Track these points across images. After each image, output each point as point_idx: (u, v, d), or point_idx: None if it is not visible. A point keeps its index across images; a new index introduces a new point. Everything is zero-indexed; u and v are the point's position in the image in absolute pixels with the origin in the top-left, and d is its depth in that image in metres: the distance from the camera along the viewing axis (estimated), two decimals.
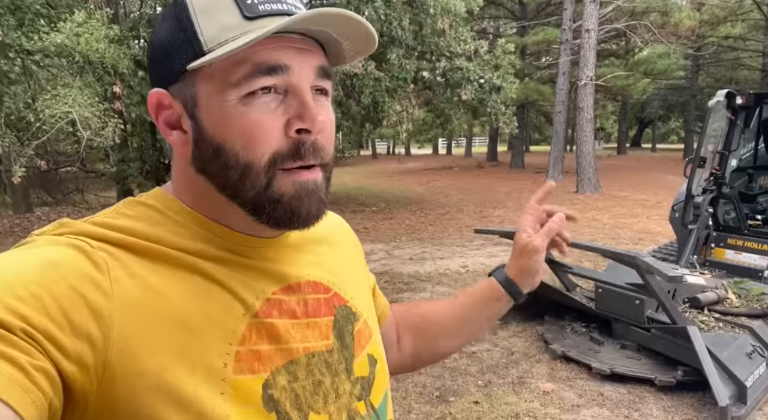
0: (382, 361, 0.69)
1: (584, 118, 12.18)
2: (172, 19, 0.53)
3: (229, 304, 0.53)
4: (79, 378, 0.44)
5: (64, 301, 0.44)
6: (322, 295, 0.63)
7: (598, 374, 3.32)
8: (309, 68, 0.53)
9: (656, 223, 8.89)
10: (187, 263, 0.53)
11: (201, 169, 0.55)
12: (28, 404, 0.39)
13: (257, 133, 0.51)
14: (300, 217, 0.54)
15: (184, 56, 0.51)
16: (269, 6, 0.52)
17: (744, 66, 27.01)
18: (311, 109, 0.52)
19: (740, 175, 4.64)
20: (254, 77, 0.50)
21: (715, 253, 4.37)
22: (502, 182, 15.91)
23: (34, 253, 0.47)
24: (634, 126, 39.79)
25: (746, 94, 4.28)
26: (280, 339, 0.55)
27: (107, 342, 0.45)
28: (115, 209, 0.55)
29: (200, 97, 0.52)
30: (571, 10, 14.61)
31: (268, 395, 0.52)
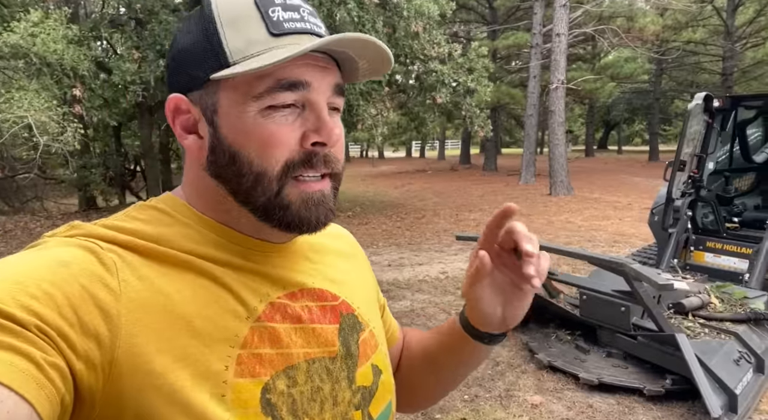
0: (387, 372, 0.68)
1: (556, 121, 12.29)
2: (197, 29, 0.55)
3: (233, 307, 0.54)
4: (86, 376, 0.44)
5: (76, 300, 0.45)
6: (329, 303, 0.63)
7: (586, 385, 3.24)
8: (327, 85, 0.56)
9: (629, 225, 8.99)
10: (194, 266, 0.54)
11: (215, 175, 0.56)
12: (43, 399, 0.40)
13: (273, 143, 0.53)
14: (309, 223, 0.56)
15: (208, 65, 0.53)
16: (294, 24, 0.54)
17: (704, 70, 27.87)
18: (328, 123, 0.54)
19: (717, 177, 4.66)
20: (276, 92, 0.53)
21: (694, 256, 4.37)
22: (476, 185, 15.95)
23: (46, 254, 0.49)
24: (600, 129, 40.68)
25: (723, 97, 4.29)
26: (282, 343, 0.56)
27: (114, 341, 0.46)
28: (125, 213, 0.57)
29: (221, 106, 0.54)
30: (541, 14, 14.77)
31: (266, 399, 0.53)
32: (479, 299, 0.65)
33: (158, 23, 7.33)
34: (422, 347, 0.81)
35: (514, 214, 0.61)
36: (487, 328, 0.68)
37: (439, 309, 4.74)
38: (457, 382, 0.81)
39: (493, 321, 0.66)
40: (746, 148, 4.88)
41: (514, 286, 0.63)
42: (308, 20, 0.56)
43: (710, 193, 4.44)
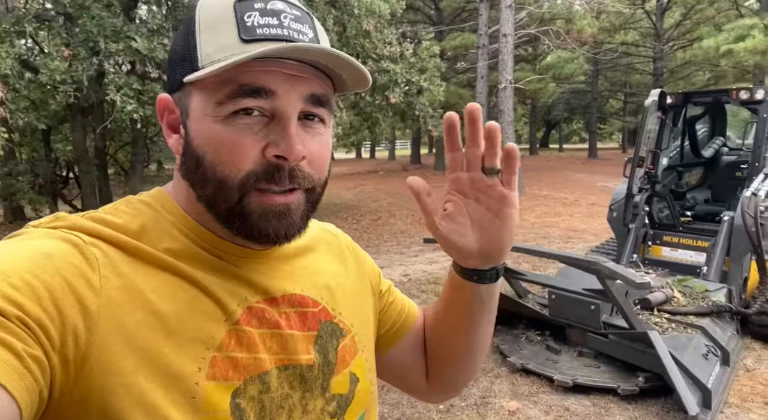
0: (365, 380, 0.67)
1: (505, 120, 12.46)
2: (184, 32, 0.56)
3: (211, 309, 0.53)
4: (59, 371, 0.44)
5: (57, 293, 0.45)
6: (310, 309, 0.62)
7: (560, 386, 3.18)
8: (297, 95, 0.53)
9: (579, 221, 9.21)
10: (173, 266, 0.53)
11: (185, 177, 0.56)
12: (23, 390, 0.40)
13: (234, 151, 0.52)
14: (267, 235, 0.55)
15: (183, 68, 0.54)
16: (268, 30, 0.52)
17: (636, 70, 29.35)
18: (290, 137, 0.52)
19: (670, 172, 4.77)
20: (237, 97, 0.51)
21: (652, 250, 4.44)
22: (430, 185, 15.96)
23: (29, 245, 0.48)
24: (541, 128, 42.07)
25: (675, 94, 4.39)
26: (257, 349, 0.55)
27: (90, 338, 0.46)
28: (113, 206, 0.57)
29: (191, 109, 0.54)
30: (486, 15, 14.97)
31: (236, 404, 0.52)
32: (445, 233, 0.60)
33: (90, 19, 6.79)
34: (434, 314, 0.77)
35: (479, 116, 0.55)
36: (469, 264, 0.63)
37: None
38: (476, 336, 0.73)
39: (469, 254, 0.61)
40: (695, 144, 5.04)
41: (492, 213, 0.59)
42: (288, 26, 0.53)
43: (665, 188, 4.54)
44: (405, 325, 0.79)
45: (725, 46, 12.78)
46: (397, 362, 0.79)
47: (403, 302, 0.81)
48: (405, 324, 0.79)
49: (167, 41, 6.80)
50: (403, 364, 0.79)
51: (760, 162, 3.84)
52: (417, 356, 0.80)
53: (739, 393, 3.08)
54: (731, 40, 13.03)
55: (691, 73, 26.82)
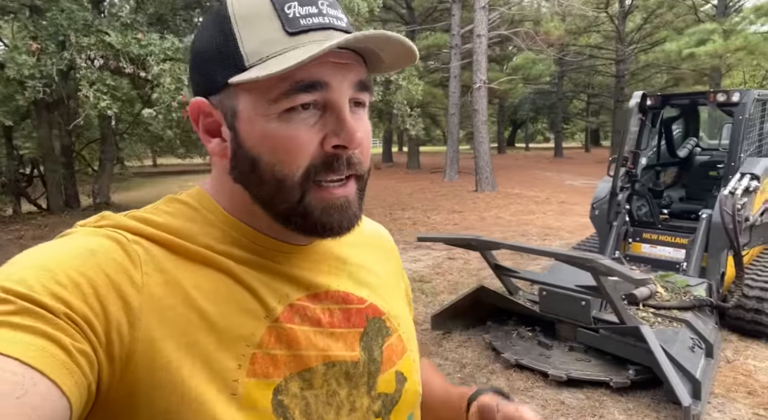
0: (412, 380, 0.66)
1: (480, 119, 12.65)
2: (214, 29, 0.53)
3: (251, 305, 0.53)
4: (106, 367, 0.44)
5: (101, 289, 0.45)
6: (355, 306, 0.62)
7: (554, 381, 3.26)
8: (348, 83, 0.53)
9: (553, 218, 9.43)
10: (215, 262, 0.53)
11: (238, 180, 0.55)
12: (72, 385, 0.41)
13: (293, 148, 0.52)
14: (331, 229, 0.55)
15: (225, 68, 0.52)
16: (311, 20, 0.51)
17: (599, 72, 30.22)
18: (348, 125, 0.52)
19: (648, 172, 4.95)
20: (293, 94, 0.50)
21: (632, 247, 4.60)
22: (403, 183, 16.07)
23: (75, 243, 0.49)
24: (508, 127, 42.86)
25: (655, 96, 4.55)
26: (299, 346, 0.55)
27: (134, 334, 0.46)
28: (154, 205, 0.57)
29: (240, 110, 0.53)
30: (459, 15, 15.15)
31: (278, 401, 0.52)
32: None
33: (60, 11, 6.54)
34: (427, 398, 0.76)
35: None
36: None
37: None
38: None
39: None
40: (671, 144, 5.24)
41: None
42: (327, 13, 0.53)
43: (644, 187, 4.70)
44: None
45: (687, 50, 13.31)
46: None
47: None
48: None
49: (141, 36, 6.60)
50: None
51: (736, 162, 4.02)
52: None
53: (723, 383, 3.23)
54: (692, 44, 13.58)
55: (651, 76, 27.84)
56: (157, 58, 6.28)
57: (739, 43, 12.30)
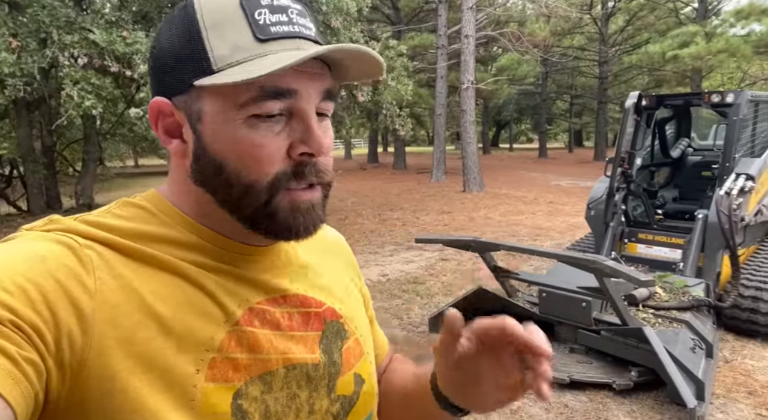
0: (370, 382, 0.66)
1: (467, 120, 12.66)
2: (179, 29, 0.52)
3: (210, 310, 0.52)
4: (55, 375, 0.43)
5: (50, 296, 0.44)
6: (313, 309, 0.62)
7: (556, 383, 3.23)
8: (315, 92, 0.53)
9: (543, 218, 9.47)
10: (171, 266, 0.52)
11: (200, 183, 0.54)
12: (18, 395, 0.39)
13: (260, 155, 0.51)
14: (296, 232, 0.55)
15: (191, 70, 0.51)
16: (281, 28, 0.51)
17: (583, 74, 30.56)
18: (315, 133, 0.53)
19: (643, 172, 4.96)
20: (262, 100, 0.50)
21: (628, 247, 4.60)
22: (390, 184, 16.02)
23: (22, 247, 0.47)
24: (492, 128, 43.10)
25: (650, 96, 4.56)
26: (261, 349, 0.54)
27: (86, 341, 0.45)
28: (107, 209, 0.56)
29: (205, 113, 0.52)
30: (445, 16, 15.15)
31: (238, 405, 0.51)
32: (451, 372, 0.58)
33: (41, 8, 6.34)
34: (403, 382, 0.74)
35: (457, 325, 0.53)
36: (447, 392, 0.61)
37: (390, 315, 4.56)
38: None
39: (455, 388, 0.59)
40: (665, 144, 5.27)
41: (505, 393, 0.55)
42: (296, 22, 0.53)
43: (638, 187, 4.71)
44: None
45: (671, 52, 13.50)
46: None
47: (377, 338, 0.78)
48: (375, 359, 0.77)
49: (127, 34, 6.44)
50: None
51: (730, 162, 4.05)
52: None
53: (723, 384, 3.23)
54: (675, 46, 13.78)
55: (633, 77, 28.24)
56: (143, 56, 6.12)
57: (721, 46, 12.52)
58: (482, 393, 0.56)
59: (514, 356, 0.53)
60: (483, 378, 0.56)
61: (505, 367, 0.53)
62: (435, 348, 0.57)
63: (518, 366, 0.52)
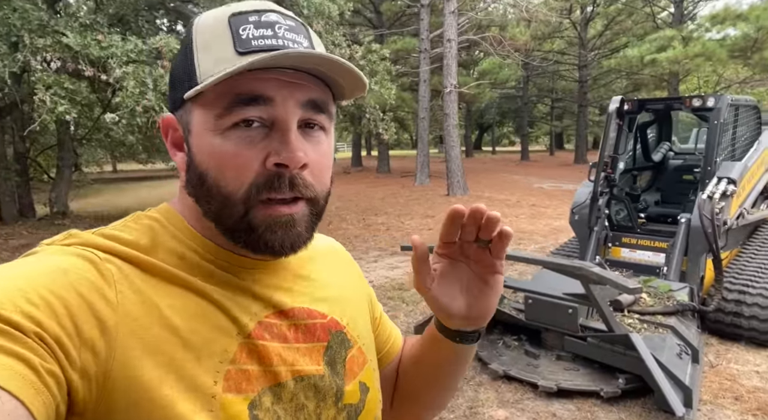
0: (374, 389, 0.68)
1: (451, 123, 12.66)
2: (182, 51, 0.56)
3: (223, 323, 0.54)
4: (81, 386, 0.44)
5: (74, 309, 0.45)
6: (319, 321, 0.63)
7: (543, 392, 3.19)
8: (294, 101, 0.53)
9: (526, 222, 9.49)
10: (186, 281, 0.53)
11: (191, 194, 0.56)
12: (39, 405, 0.40)
13: (235, 166, 0.52)
14: (273, 248, 0.55)
15: (184, 86, 0.54)
16: (263, 41, 0.52)
17: (563, 77, 30.91)
18: (290, 144, 0.52)
19: (625, 176, 4.97)
20: (235, 107, 0.51)
21: (612, 252, 4.60)
22: (374, 188, 15.94)
23: (45, 261, 0.48)
24: (475, 131, 43.37)
25: (632, 101, 4.57)
26: (271, 361, 0.56)
27: (110, 353, 0.46)
28: (122, 222, 0.57)
29: (192, 125, 0.54)
30: (427, 20, 15.17)
31: (254, 415, 0.53)
32: (435, 294, 0.63)
33: (12, 11, 6.14)
34: (411, 351, 0.79)
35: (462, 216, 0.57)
36: (454, 325, 0.66)
37: None
38: (446, 386, 0.77)
39: (456, 316, 0.64)
40: (646, 148, 5.30)
41: (480, 279, 0.62)
42: (283, 37, 0.53)
43: (621, 192, 4.72)
44: (387, 357, 0.80)
45: (649, 56, 13.69)
46: None
47: (390, 332, 0.82)
48: (386, 356, 0.80)
49: (102, 38, 6.28)
50: None
51: (712, 166, 4.07)
52: (387, 385, 0.80)
53: (710, 389, 3.22)
54: (653, 50, 13.99)
55: (612, 81, 28.66)
56: (119, 60, 5.97)
57: (698, 50, 12.73)
58: (477, 296, 0.63)
59: (473, 246, 0.59)
60: (469, 281, 0.62)
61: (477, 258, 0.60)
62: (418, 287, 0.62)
63: (483, 250, 0.59)
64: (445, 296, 0.63)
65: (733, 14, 12.75)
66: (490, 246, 0.58)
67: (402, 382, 0.80)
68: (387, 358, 0.80)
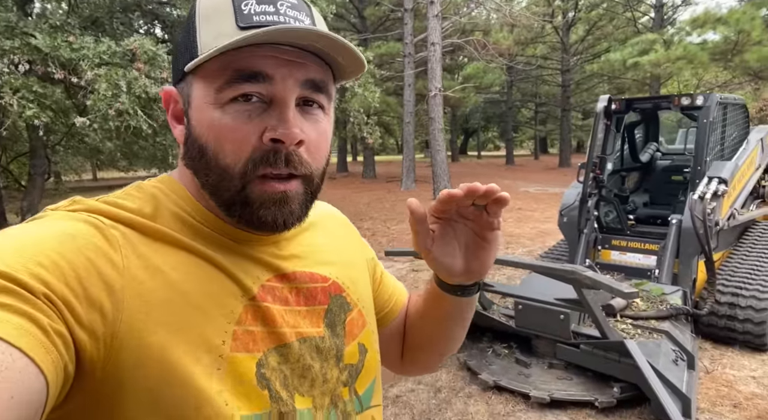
0: (372, 350, 0.70)
1: (436, 128, 12.56)
2: (185, 25, 0.58)
3: (228, 285, 0.56)
4: (89, 347, 0.45)
5: (81, 271, 0.46)
6: (320, 284, 0.65)
7: (537, 403, 3.04)
8: (293, 79, 0.54)
9: (513, 225, 9.39)
10: (189, 245, 0.55)
11: (189, 166, 0.58)
12: (49, 364, 0.41)
13: (234, 139, 0.53)
14: (267, 224, 0.56)
15: (185, 59, 0.55)
16: (264, 17, 0.53)
17: (546, 82, 31.14)
18: (287, 121, 0.53)
19: (614, 177, 4.88)
20: (234, 83, 0.53)
21: (602, 254, 4.49)
22: (360, 193, 15.77)
23: (52, 225, 0.50)
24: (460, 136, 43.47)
25: (619, 100, 4.47)
26: (274, 323, 0.58)
27: (117, 315, 0.47)
28: (124, 191, 0.59)
29: (193, 98, 0.56)
30: (411, 24, 15.11)
31: (261, 373, 0.55)
32: (435, 255, 0.63)
33: None
34: (416, 306, 0.82)
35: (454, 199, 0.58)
36: (454, 280, 0.68)
37: None
38: (452, 336, 0.80)
39: (456, 274, 0.66)
40: (634, 149, 5.21)
41: (478, 236, 0.63)
42: (284, 13, 0.54)
43: (610, 193, 4.61)
44: (389, 315, 0.82)
45: (631, 60, 13.76)
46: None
47: (392, 291, 0.84)
48: (390, 313, 0.82)
49: (73, 39, 6.04)
50: (382, 346, 0.81)
51: (702, 166, 3.98)
52: (395, 339, 0.84)
53: (707, 396, 3.10)
54: (636, 53, 14.07)
55: (594, 85, 28.94)
56: (91, 62, 5.73)
57: (680, 53, 12.82)
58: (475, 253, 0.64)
59: (470, 207, 0.60)
60: (468, 239, 0.63)
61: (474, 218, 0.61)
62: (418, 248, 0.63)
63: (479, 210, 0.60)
64: (445, 256, 0.64)
65: (713, 18, 12.88)
66: (487, 207, 0.59)
67: (410, 335, 0.83)
68: (390, 315, 0.83)
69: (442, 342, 0.81)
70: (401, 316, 0.84)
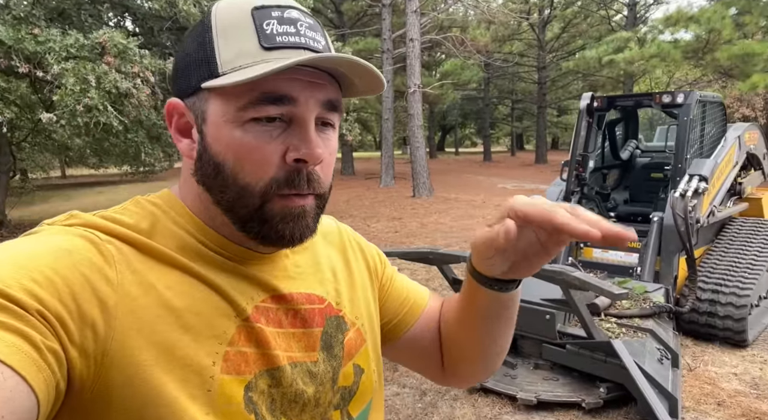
0: (369, 370, 0.69)
1: (415, 124, 12.51)
2: (197, 36, 0.56)
3: (222, 306, 0.55)
4: (79, 364, 0.45)
5: (76, 287, 0.46)
6: (316, 306, 0.64)
7: (523, 405, 3.00)
8: (315, 101, 0.54)
9: None
10: (184, 264, 0.54)
11: (201, 182, 0.57)
12: (41, 382, 0.41)
13: (257, 159, 0.53)
14: (284, 238, 0.56)
15: (201, 73, 0.54)
16: (287, 38, 0.54)
17: (522, 79, 31.42)
18: (311, 141, 0.54)
19: (595, 174, 4.88)
20: (260, 105, 0.52)
21: (584, 252, 4.49)
22: (339, 190, 15.63)
23: (48, 241, 0.49)
24: (438, 132, 43.60)
25: (601, 98, 4.47)
26: (267, 345, 0.57)
27: (109, 332, 0.47)
28: (122, 206, 0.58)
29: (209, 115, 0.54)
30: (389, 20, 15.01)
31: (249, 397, 0.54)
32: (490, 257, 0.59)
33: None
34: (452, 312, 0.77)
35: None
36: (493, 274, 0.63)
37: None
38: (490, 341, 0.73)
39: (502, 270, 0.61)
40: (615, 146, 5.23)
41: (541, 245, 0.57)
42: (304, 34, 0.54)
43: (591, 190, 4.61)
44: (407, 320, 0.79)
45: (607, 57, 13.93)
46: (404, 352, 0.80)
47: (407, 294, 0.80)
48: (407, 317, 0.79)
49: (39, 31, 5.77)
50: (410, 354, 0.81)
51: (683, 163, 4.00)
52: (428, 348, 0.80)
53: (691, 394, 3.11)
54: (610, 51, 14.25)
55: (569, 83, 29.33)
56: (57, 55, 5.48)
57: (653, 51, 13.02)
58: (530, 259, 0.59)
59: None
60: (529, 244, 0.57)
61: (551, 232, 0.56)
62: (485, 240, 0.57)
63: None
64: (501, 255, 0.60)
65: (685, 16, 13.11)
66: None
67: (447, 343, 0.79)
68: (408, 319, 0.79)
69: (482, 347, 0.75)
70: (427, 322, 0.80)
